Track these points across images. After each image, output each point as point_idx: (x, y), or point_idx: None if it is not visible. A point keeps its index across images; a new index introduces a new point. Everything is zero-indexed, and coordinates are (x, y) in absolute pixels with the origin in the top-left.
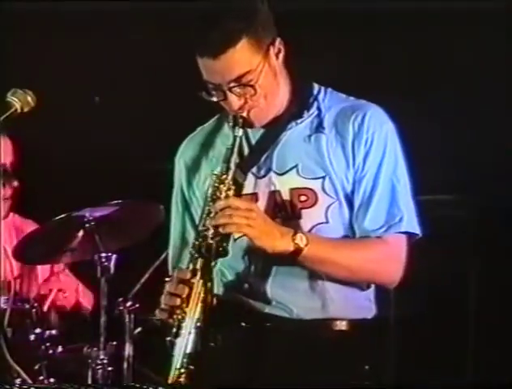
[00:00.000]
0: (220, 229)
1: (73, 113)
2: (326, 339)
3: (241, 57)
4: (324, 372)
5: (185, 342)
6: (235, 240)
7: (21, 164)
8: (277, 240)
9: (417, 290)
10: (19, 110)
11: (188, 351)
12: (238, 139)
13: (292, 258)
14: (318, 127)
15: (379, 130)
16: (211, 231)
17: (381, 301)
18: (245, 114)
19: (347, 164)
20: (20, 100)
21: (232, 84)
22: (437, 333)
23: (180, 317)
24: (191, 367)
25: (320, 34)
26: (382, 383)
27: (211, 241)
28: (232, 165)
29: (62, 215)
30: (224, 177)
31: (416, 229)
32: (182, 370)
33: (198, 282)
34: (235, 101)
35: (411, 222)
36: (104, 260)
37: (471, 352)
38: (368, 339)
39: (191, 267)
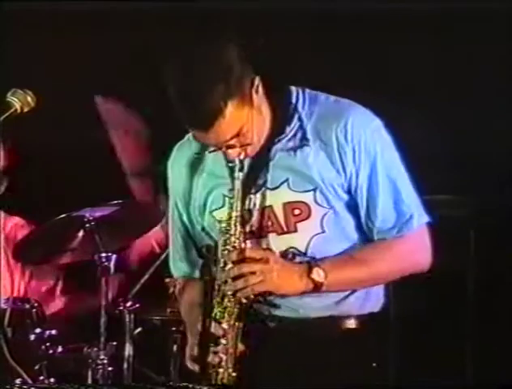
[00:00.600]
0: (239, 295)
1: (73, 113)
2: (333, 337)
3: (231, 121)
4: (331, 370)
5: None
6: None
7: (17, 166)
8: (296, 282)
9: (417, 290)
10: (18, 110)
11: None
12: (239, 182)
13: (316, 292)
14: (302, 140)
15: (364, 132)
16: (230, 291)
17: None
18: (242, 157)
19: (337, 173)
20: (20, 101)
21: (228, 142)
22: (437, 332)
23: (216, 372)
24: None
25: (315, 35)
26: (387, 381)
27: (230, 305)
28: (238, 208)
29: (62, 215)
30: (231, 220)
31: (426, 218)
32: None
33: (228, 333)
34: (232, 152)
35: (421, 215)
36: (104, 260)
37: (470, 351)
38: (373, 336)
39: (220, 316)
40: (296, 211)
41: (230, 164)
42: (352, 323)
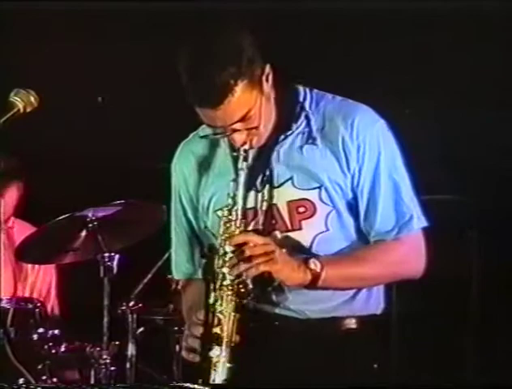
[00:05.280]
0: (244, 274)
1: (76, 113)
2: (334, 337)
3: (240, 101)
4: (332, 371)
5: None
6: None
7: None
8: (295, 271)
9: (418, 290)
10: (21, 110)
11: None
12: (243, 172)
13: (313, 286)
14: (309, 138)
15: (370, 132)
16: (231, 273)
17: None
18: (247, 147)
19: (342, 172)
20: (23, 100)
21: (234, 125)
22: (438, 332)
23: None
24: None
25: (318, 34)
26: (388, 382)
27: (232, 284)
28: (240, 198)
29: (65, 215)
30: (233, 210)
31: (425, 222)
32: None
33: (224, 324)
34: (238, 138)
35: (420, 217)
36: (106, 260)
37: (472, 353)
38: (374, 338)
39: (216, 307)
40: (301, 209)
41: (234, 154)
42: (353, 324)
